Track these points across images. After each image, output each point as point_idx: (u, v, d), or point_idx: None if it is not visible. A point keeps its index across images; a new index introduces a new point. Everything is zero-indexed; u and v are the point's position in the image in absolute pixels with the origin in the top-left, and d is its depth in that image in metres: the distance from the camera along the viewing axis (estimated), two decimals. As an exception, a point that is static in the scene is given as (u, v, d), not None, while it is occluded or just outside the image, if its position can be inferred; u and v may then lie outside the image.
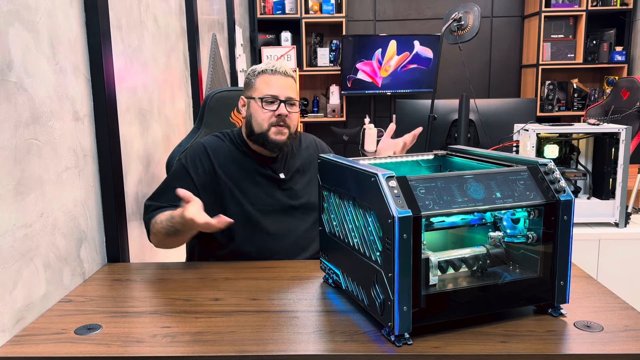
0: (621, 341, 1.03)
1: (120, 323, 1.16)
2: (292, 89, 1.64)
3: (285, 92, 1.62)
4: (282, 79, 1.62)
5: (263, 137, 1.62)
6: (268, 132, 1.61)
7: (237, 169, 1.65)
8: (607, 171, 2.16)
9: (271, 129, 1.61)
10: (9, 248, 1.12)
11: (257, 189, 1.64)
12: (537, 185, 1.10)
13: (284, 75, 1.63)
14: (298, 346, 1.04)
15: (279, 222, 1.64)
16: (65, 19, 1.39)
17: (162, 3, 2.27)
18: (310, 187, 1.73)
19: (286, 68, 1.65)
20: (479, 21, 2.65)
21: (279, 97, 1.61)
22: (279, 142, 1.62)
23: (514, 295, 1.12)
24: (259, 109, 1.61)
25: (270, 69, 1.63)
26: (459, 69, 4.58)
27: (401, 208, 0.98)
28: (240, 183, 1.64)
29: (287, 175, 1.70)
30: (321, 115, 5.17)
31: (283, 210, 1.66)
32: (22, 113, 1.18)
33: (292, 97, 1.63)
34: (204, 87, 2.90)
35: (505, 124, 2.43)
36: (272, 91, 1.61)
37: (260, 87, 1.63)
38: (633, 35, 4.87)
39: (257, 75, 1.64)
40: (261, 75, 1.64)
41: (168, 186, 1.62)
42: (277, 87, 1.61)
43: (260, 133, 1.62)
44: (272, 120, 1.60)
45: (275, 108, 1.60)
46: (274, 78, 1.62)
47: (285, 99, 1.61)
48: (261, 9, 4.96)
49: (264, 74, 1.63)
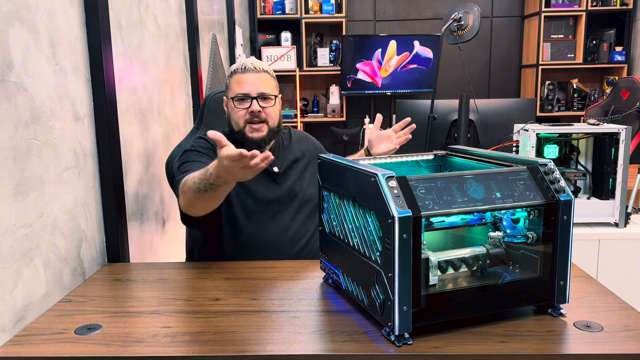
0: (621, 341, 1.03)
1: (120, 323, 1.16)
2: (265, 83, 1.65)
3: (257, 88, 1.63)
4: (253, 76, 1.64)
5: (241, 135, 1.65)
6: (244, 129, 1.64)
7: None
8: (607, 171, 2.16)
9: (247, 126, 1.64)
10: (9, 248, 1.12)
11: (255, 183, 1.65)
12: (537, 185, 1.10)
13: (254, 72, 1.65)
14: (298, 346, 1.04)
15: (277, 215, 1.66)
16: (65, 19, 1.39)
17: (162, 3, 2.27)
18: (305, 180, 1.74)
19: (257, 64, 1.66)
20: (479, 21, 2.65)
21: (250, 94, 1.63)
22: (256, 139, 1.63)
23: (514, 295, 1.12)
24: (234, 108, 1.65)
25: (241, 68, 1.66)
26: (459, 69, 4.58)
27: (401, 208, 0.98)
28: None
29: (281, 168, 1.71)
30: (321, 115, 5.17)
31: (280, 204, 1.67)
32: (22, 113, 1.18)
33: (264, 92, 1.64)
34: (204, 87, 2.90)
35: (505, 124, 2.43)
36: (243, 89, 1.63)
37: (233, 86, 1.66)
38: (633, 35, 4.87)
39: (231, 76, 1.68)
40: (234, 75, 1.67)
41: (193, 162, 1.58)
42: (248, 84, 1.63)
43: (238, 131, 1.65)
44: (247, 118, 1.63)
45: (247, 106, 1.63)
46: (244, 76, 1.64)
47: (257, 95, 1.63)
48: (261, 9, 4.96)
49: (236, 74, 1.66)
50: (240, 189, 1.64)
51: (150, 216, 2.02)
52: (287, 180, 1.71)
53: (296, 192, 1.71)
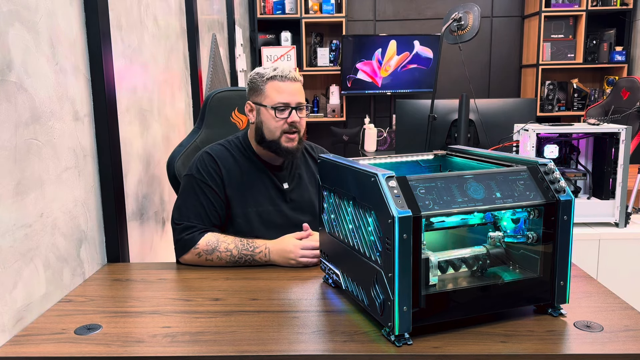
0: (621, 341, 1.03)
1: (120, 323, 1.16)
2: (301, 93, 1.62)
3: (296, 98, 1.59)
4: (292, 85, 1.59)
5: (275, 145, 1.60)
6: (280, 139, 1.59)
7: (243, 179, 1.63)
8: (607, 171, 2.16)
9: (283, 136, 1.59)
10: (9, 248, 1.12)
11: (262, 199, 1.63)
12: (537, 185, 1.10)
13: (293, 81, 1.60)
14: (298, 346, 1.04)
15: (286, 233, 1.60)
16: (65, 19, 1.39)
17: (162, 3, 2.27)
18: (315, 198, 1.69)
19: (295, 73, 1.62)
20: (479, 21, 2.65)
21: (290, 104, 1.58)
22: (291, 149, 1.60)
23: (514, 295, 1.12)
24: (271, 117, 1.58)
25: (280, 75, 1.59)
26: (459, 69, 4.58)
27: (401, 208, 0.98)
28: (247, 193, 1.62)
29: (290, 185, 1.68)
30: (321, 115, 5.17)
31: (288, 224, 1.63)
32: (22, 113, 1.18)
33: (302, 102, 1.61)
34: (204, 87, 2.90)
35: (505, 124, 2.42)
36: (283, 99, 1.57)
37: (271, 94, 1.58)
38: (633, 35, 4.87)
39: (266, 82, 1.59)
40: (271, 81, 1.59)
41: (195, 202, 1.57)
42: (288, 94, 1.58)
43: (272, 140, 1.60)
44: (285, 128, 1.58)
45: (287, 116, 1.58)
46: (284, 85, 1.58)
47: (296, 105, 1.59)
48: (261, 9, 4.96)
49: (274, 80, 1.59)
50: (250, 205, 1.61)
51: (150, 216, 2.02)
52: (295, 200, 1.67)
53: (306, 213, 1.67)
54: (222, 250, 1.49)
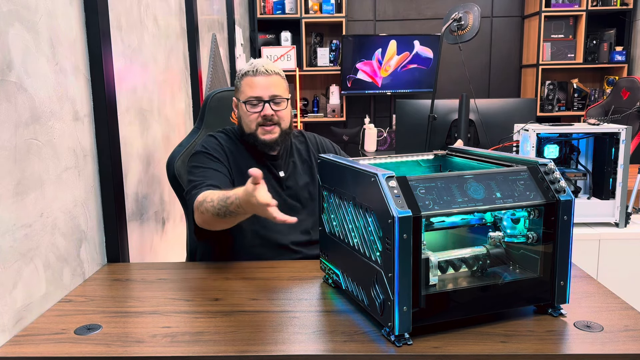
0: (621, 341, 1.03)
1: (120, 323, 1.16)
2: (277, 86, 1.63)
3: (269, 91, 1.62)
4: (264, 79, 1.62)
5: (253, 138, 1.65)
6: (256, 132, 1.63)
7: (243, 164, 1.65)
8: (607, 171, 2.16)
9: (259, 129, 1.63)
10: (9, 248, 1.12)
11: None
12: (537, 185, 1.10)
13: (265, 75, 1.62)
14: (298, 346, 1.04)
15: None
16: (65, 19, 1.39)
17: (162, 3, 2.27)
18: (311, 185, 1.73)
19: (268, 66, 1.64)
20: (479, 21, 2.65)
21: (262, 97, 1.62)
22: (268, 142, 1.63)
23: (514, 295, 1.12)
24: (246, 111, 1.64)
25: (252, 70, 1.63)
26: (459, 69, 4.58)
27: (401, 208, 0.98)
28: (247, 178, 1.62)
29: (286, 173, 1.70)
30: (321, 115, 5.17)
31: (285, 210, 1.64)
32: (22, 113, 1.18)
33: (277, 95, 1.63)
34: (204, 87, 2.90)
35: (505, 124, 2.42)
36: (254, 92, 1.62)
37: (244, 89, 1.64)
38: (633, 35, 4.87)
39: (241, 78, 1.66)
40: (244, 77, 1.65)
41: (203, 169, 1.58)
42: (260, 87, 1.62)
43: (250, 134, 1.65)
44: (259, 121, 1.63)
45: (260, 109, 1.62)
46: (255, 79, 1.62)
47: (270, 98, 1.62)
48: (261, 8, 4.96)
49: (247, 76, 1.64)
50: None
51: (150, 216, 2.02)
52: (292, 187, 1.69)
53: (302, 199, 1.69)
54: (207, 202, 1.44)
